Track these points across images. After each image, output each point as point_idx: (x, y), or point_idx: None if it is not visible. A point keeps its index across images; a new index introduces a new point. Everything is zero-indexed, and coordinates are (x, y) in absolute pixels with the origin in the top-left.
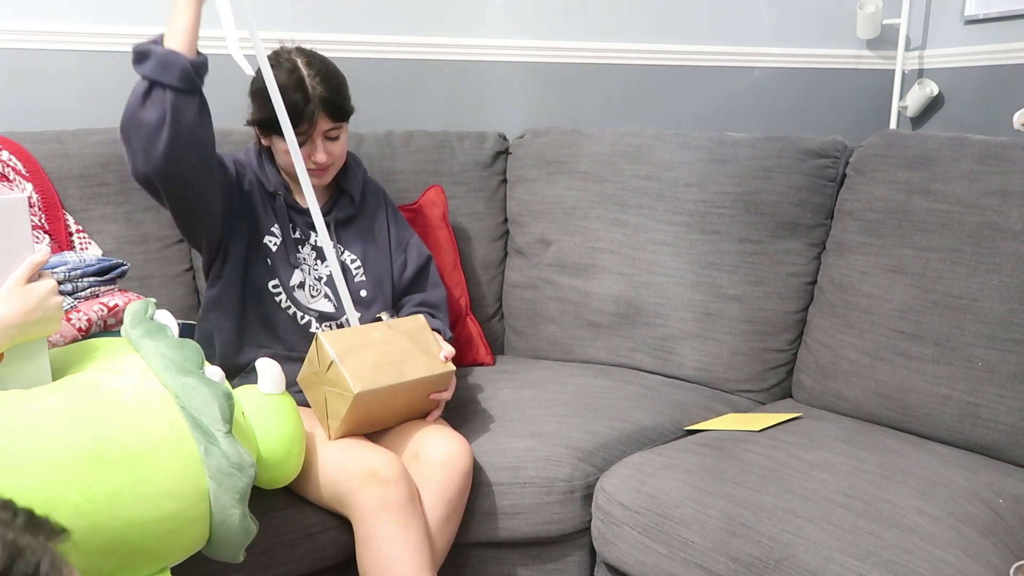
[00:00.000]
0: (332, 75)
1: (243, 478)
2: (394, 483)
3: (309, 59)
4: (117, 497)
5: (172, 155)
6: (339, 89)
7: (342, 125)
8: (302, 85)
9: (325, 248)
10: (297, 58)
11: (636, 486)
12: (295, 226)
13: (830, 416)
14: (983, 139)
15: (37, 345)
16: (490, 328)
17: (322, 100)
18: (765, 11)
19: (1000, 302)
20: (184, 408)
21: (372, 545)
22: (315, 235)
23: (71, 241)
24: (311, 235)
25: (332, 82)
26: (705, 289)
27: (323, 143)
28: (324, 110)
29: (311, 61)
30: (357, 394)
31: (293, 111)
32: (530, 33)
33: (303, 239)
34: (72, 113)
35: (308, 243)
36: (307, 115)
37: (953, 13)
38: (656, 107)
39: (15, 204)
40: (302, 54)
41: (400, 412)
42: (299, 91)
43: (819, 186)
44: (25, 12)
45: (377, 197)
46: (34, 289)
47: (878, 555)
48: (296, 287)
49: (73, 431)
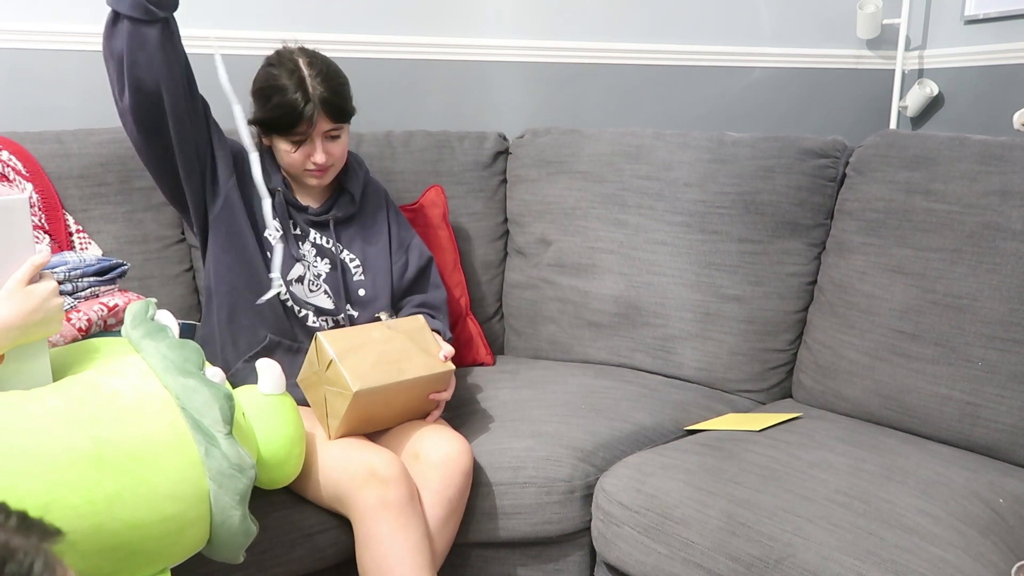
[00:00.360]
0: (334, 75)
1: (243, 479)
2: (394, 483)
3: (311, 59)
4: (117, 499)
5: (136, 82)
6: (340, 90)
7: (343, 126)
8: (303, 85)
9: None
10: (299, 58)
11: (636, 486)
12: (295, 223)
13: (830, 416)
14: (983, 139)
15: (38, 346)
16: (490, 328)
17: (322, 100)
18: (765, 11)
19: (1000, 302)
20: (185, 409)
21: (372, 545)
22: (314, 232)
23: (71, 241)
24: (311, 232)
25: (333, 82)
26: (705, 289)
27: (323, 143)
28: (324, 110)
29: (312, 61)
30: (356, 392)
31: (293, 111)
32: (530, 33)
33: (303, 235)
34: (72, 113)
35: (308, 240)
36: (307, 115)
37: (953, 13)
38: (656, 107)
39: (16, 204)
40: (304, 54)
41: (400, 412)
42: (299, 91)
43: (819, 186)
44: (25, 12)
45: (379, 197)
46: (35, 291)
47: (878, 555)
48: (295, 281)
49: (74, 433)
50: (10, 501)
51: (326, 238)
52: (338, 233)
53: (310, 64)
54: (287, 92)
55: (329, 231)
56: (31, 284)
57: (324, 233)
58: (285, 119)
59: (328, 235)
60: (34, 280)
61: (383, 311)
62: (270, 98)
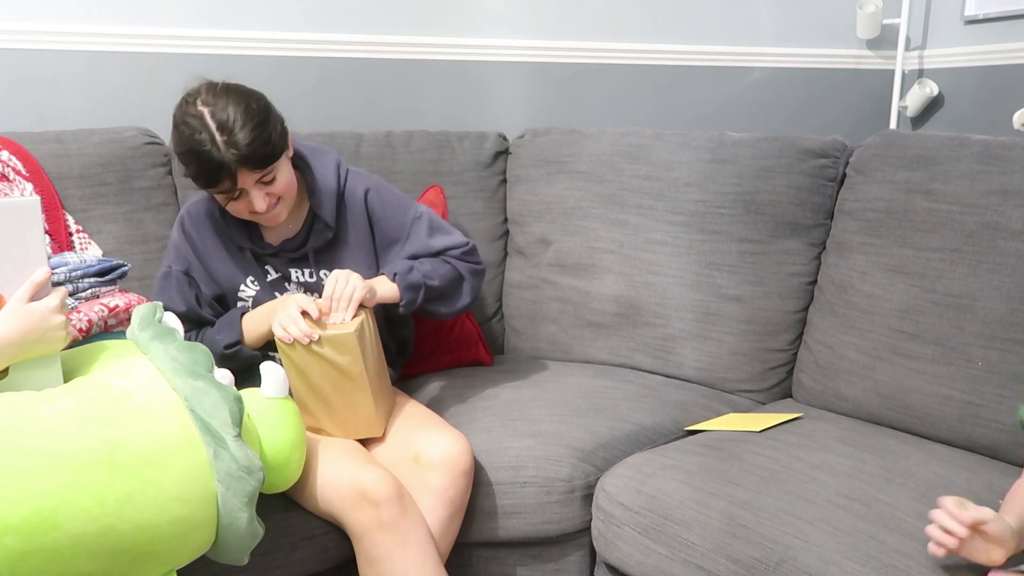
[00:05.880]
0: (244, 123)
1: (252, 481)
2: (385, 504)
3: (214, 108)
4: (128, 501)
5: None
6: (254, 139)
7: (272, 167)
8: (213, 143)
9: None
10: (203, 109)
11: (636, 486)
12: (272, 268)
13: (830, 416)
14: (983, 139)
15: (50, 355)
16: (490, 328)
17: (237, 158)
18: (765, 11)
19: (1000, 302)
20: (193, 411)
21: (374, 564)
22: (295, 271)
23: (71, 241)
24: (291, 272)
25: (244, 133)
26: (705, 289)
27: (257, 191)
28: (243, 166)
29: (215, 111)
30: (358, 327)
31: (210, 175)
32: (530, 33)
33: (284, 277)
34: (72, 113)
35: (291, 281)
36: (225, 176)
37: (953, 13)
38: (656, 107)
39: (27, 207)
40: (207, 103)
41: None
42: (212, 152)
43: (819, 186)
44: (25, 12)
45: (356, 203)
46: (34, 309)
47: (878, 559)
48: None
49: (85, 435)
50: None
51: (308, 271)
52: (319, 262)
53: (214, 114)
54: (200, 156)
55: (309, 263)
56: (33, 301)
57: (304, 266)
58: (208, 181)
59: (309, 268)
60: (38, 297)
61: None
62: (188, 163)
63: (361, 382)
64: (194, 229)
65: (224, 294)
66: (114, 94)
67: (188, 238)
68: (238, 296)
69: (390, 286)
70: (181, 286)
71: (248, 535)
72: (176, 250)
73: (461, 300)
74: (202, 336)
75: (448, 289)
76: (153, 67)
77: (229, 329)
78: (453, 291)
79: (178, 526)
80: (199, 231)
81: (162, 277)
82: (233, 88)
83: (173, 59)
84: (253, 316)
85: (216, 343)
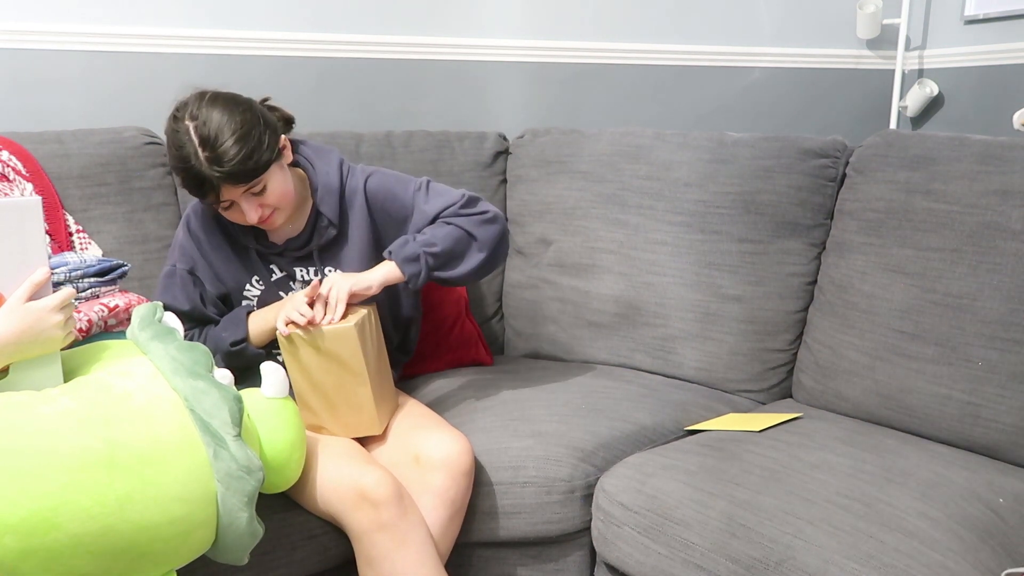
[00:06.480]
0: (226, 138)
1: (251, 481)
2: (385, 504)
3: (198, 122)
4: (128, 500)
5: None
6: (235, 155)
7: (259, 179)
8: (197, 157)
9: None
10: (189, 124)
11: (636, 486)
12: (277, 267)
13: (830, 416)
14: (983, 139)
15: (50, 355)
16: (490, 328)
17: (220, 174)
18: (765, 11)
19: (1000, 302)
20: (193, 411)
21: (373, 564)
22: (300, 269)
23: (71, 241)
24: (296, 271)
25: (226, 148)
26: (705, 289)
27: (247, 201)
28: (226, 181)
29: (199, 124)
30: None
31: (199, 189)
32: (530, 33)
33: (289, 276)
34: (72, 113)
35: (297, 280)
36: (210, 189)
37: (953, 13)
38: (656, 107)
39: (28, 207)
40: (193, 117)
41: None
42: (196, 166)
43: (819, 186)
44: (25, 12)
45: (359, 198)
46: (32, 308)
47: (878, 559)
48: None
49: (85, 434)
50: (22, 502)
51: (313, 270)
52: (325, 260)
53: (197, 128)
54: (187, 171)
55: (315, 262)
56: (32, 300)
57: (309, 265)
58: (196, 194)
59: (314, 266)
60: (37, 297)
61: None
62: (177, 175)
63: (362, 377)
64: (200, 228)
65: (228, 293)
66: (114, 94)
67: (193, 237)
68: (243, 295)
69: (388, 267)
70: (186, 285)
71: (248, 535)
72: (181, 249)
73: (477, 256)
74: (206, 334)
75: (457, 250)
76: (153, 67)
77: (235, 326)
78: (463, 250)
79: (178, 526)
80: (204, 230)
81: (166, 276)
82: (222, 99)
83: (173, 59)
84: (259, 314)
85: (222, 340)
